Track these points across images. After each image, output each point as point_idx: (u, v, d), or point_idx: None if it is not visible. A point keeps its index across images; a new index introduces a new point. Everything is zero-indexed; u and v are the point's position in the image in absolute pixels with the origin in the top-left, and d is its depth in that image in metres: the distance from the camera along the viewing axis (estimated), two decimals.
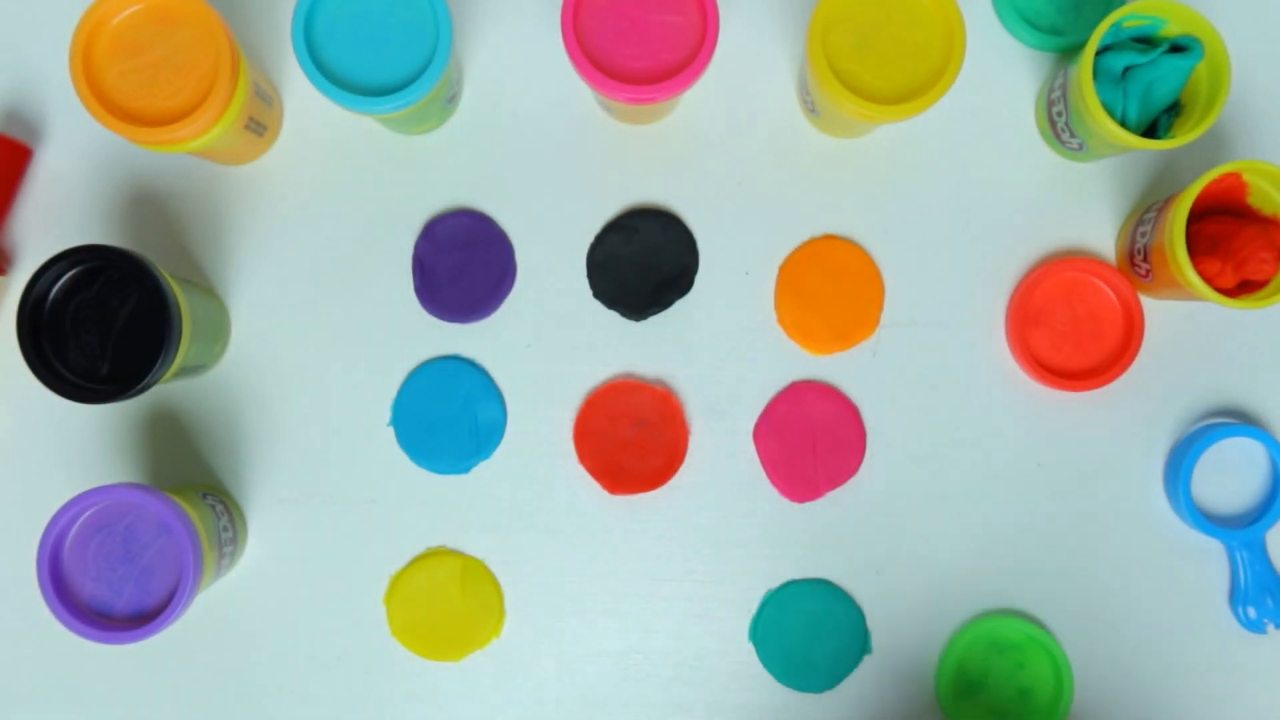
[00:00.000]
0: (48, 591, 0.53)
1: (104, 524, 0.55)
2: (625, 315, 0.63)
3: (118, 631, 0.53)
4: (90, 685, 0.61)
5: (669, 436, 0.62)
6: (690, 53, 0.54)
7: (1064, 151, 0.63)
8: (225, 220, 0.63)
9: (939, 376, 0.63)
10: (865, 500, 0.63)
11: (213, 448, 0.62)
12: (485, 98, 0.64)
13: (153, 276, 0.53)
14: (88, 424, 0.62)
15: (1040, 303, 0.63)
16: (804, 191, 0.64)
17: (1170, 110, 0.59)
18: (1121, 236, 0.64)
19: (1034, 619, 0.63)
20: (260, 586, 0.62)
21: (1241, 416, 0.64)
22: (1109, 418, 0.64)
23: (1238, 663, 0.63)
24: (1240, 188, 0.59)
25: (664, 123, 0.64)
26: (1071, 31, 0.64)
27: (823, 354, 0.63)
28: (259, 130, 0.60)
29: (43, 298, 0.53)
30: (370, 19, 0.54)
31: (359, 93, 0.54)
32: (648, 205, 0.63)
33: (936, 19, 0.55)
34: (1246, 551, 0.63)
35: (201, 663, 0.62)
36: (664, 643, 0.63)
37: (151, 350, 0.53)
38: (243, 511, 0.62)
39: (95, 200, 0.63)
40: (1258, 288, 0.57)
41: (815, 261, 0.63)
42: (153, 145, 0.55)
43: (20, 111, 0.63)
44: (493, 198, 0.63)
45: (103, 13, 0.53)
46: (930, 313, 0.64)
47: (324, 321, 0.63)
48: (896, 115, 0.55)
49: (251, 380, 0.62)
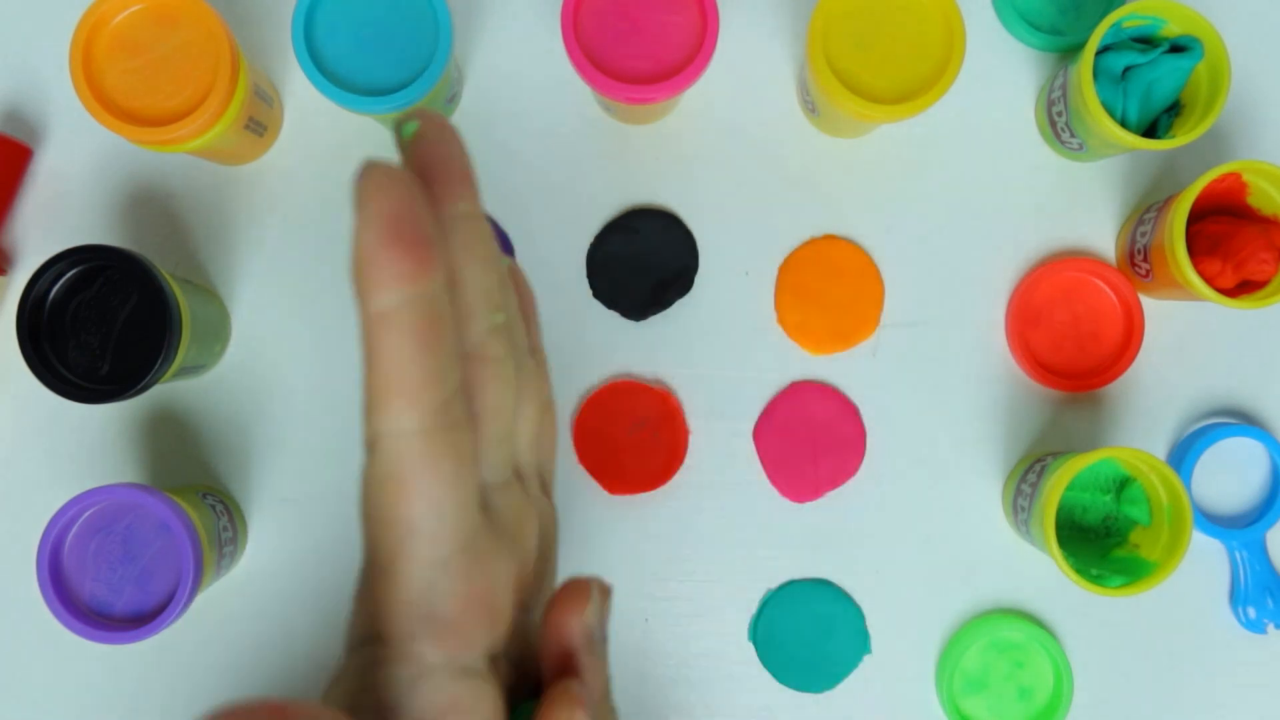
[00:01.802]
0: (48, 591, 0.53)
1: (104, 524, 0.55)
2: (625, 315, 0.63)
3: (118, 631, 0.53)
4: (90, 685, 0.61)
5: (669, 436, 0.62)
6: (690, 53, 0.54)
7: (1064, 151, 0.63)
8: (225, 220, 0.63)
9: (939, 376, 0.63)
10: (865, 500, 0.63)
11: (213, 448, 0.62)
12: (485, 98, 0.64)
13: (153, 276, 0.53)
14: (88, 424, 0.62)
15: (1040, 303, 0.63)
16: (804, 191, 0.64)
17: (1170, 110, 0.59)
18: (1121, 236, 0.64)
19: (1034, 619, 0.63)
20: (260, 586, 0.62)
21: (1241, 416, 0.64)
22: (1109, 418, 0.64)
23: (1238, 663, 0.63)
24: (1240, 188, 0.59)
25: (664, 123, 0.64)
26: (1071, 31, 0.64)
27: (823, 354, 0.63)
28: (259, 130, 0.60)
29: (43, 298, 0.53)
30: (370, 19, 0.54)
31: (359, 93, 0.54)
32: (648, 205, 0.63)
33: (936, 19, 0.55)
34: (1246, 551, 0.63)
35: (201, 663, 0.62)
36: (664, 643, 0.63)
37: (151, 350, 0.53)
38: (243, 511, 0.62)
39: (95, 200, 0.63)
40: (1258, 288, 0.57)
41: (815, 261, 0.63)
42: (153, 145, 0.55)
43: (20, 111, 0.63)
44: (493, 198, 0.63)
45: (103, 13, 0.53)
46: (930, 313, 0.64)
47: (324, 322, 0.63)
48: (896, 115, 0.55)
49: (251, 380, 0.62)
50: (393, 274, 0.25)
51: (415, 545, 0.26)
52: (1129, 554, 0.59)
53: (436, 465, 0.26)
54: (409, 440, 0.25)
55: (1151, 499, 0.58)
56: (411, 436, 0.25)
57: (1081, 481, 0.60)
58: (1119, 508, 0.59)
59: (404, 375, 0.25)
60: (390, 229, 0.24)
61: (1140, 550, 0.59)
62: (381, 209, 0.25)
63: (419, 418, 0.25)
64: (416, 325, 0.25)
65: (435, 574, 0.26)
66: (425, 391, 0.25)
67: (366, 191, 0.25)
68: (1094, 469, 0.59)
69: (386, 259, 0.24)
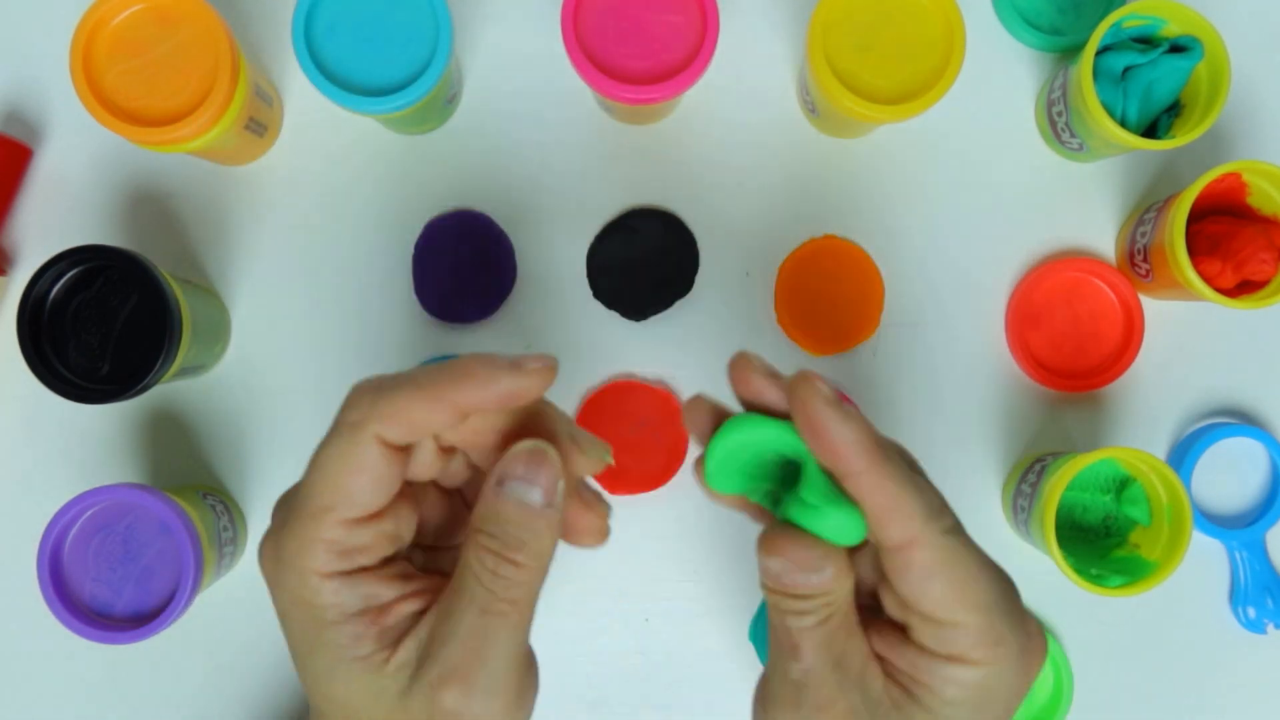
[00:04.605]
0: (48, 591, 0.53)
1: (104, 524, 0.55)
2: (625, 315, 0.63)
3: (118, 631, 0.53)
4: (90, 685, 0.61)
5: (669, 436, 0.62)
6: (690, 53, 0.54)
7: (1064, 151, 0.63)
8: (225, 220, 0.63)
9: (939, 376, 0.63)
10: None
11: (213, 448, 0.62)
12: (485, 98, 0.64)
13: (153, 276, 0.53)
14: (88, 424, 0.62)
15: (1040, 303, 0.63)
16: (804, 191, 0.64)
17: (1170, 110, 0.59)
18: (1121, 236, 0.64)
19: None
20: (260, 587, 0.62)
21: (1241, 416, 0.64)
22: (1109, 418, 0.64)
23: (1238, 663, 0.63)
24: (1240, 188, 0.59)
25: (664, 123, 0.64)
26: (1071, 31, 0.64)
27: (823, 354, 0.63)
28: (259, 130, 0.60)
29: (43, 298, 0.53)
30: (370, 19, 0.54)
31: (359, 93, 0.54)
32: (648, 205, 0.63)
33: (936, 19, 0.55)
34: (1246, 551, 0.63)
35: (201, 663, 0.62)
36: (664, 643, 0.63)
37: (151, 350, 0.53)
38: (243, 511, 0.62)
39: (95, 200, 0.63)
40: (1258, 288, 0.57)
41: (815, 261, 0.63)
42: (153, 145, 0.55)
43: (20, 111, 0.63)
44: (493, 198, 0.63)
45: (103, 13, 0.53)
46: (930, 313, 0.64)
47: (324, 321, 0.63)
48: (896, 115, 0.55)
49: (251, 380, 0.62)
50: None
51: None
52: (1129, 554, 0.59)
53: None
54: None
55: (1151, 499, 0.58)
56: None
57: (1081, 481, 0.60)
58: (1119, 508, 0.59)
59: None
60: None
61: (1140, 550, 0.59)
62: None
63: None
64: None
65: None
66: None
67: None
68: (1094, 469, 0.59)
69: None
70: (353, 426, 0.34)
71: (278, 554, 0.35)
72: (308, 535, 0.34)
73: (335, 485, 0.34)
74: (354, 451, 0.34)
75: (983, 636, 0.34)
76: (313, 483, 0.35)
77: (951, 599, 0.34)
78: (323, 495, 0.34)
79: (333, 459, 0.34)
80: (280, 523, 0.36)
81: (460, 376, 0.34)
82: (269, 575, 0.36)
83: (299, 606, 0.35)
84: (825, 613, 0.35)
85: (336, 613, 0.35)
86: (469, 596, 0.34)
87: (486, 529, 0.35)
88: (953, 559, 0.34)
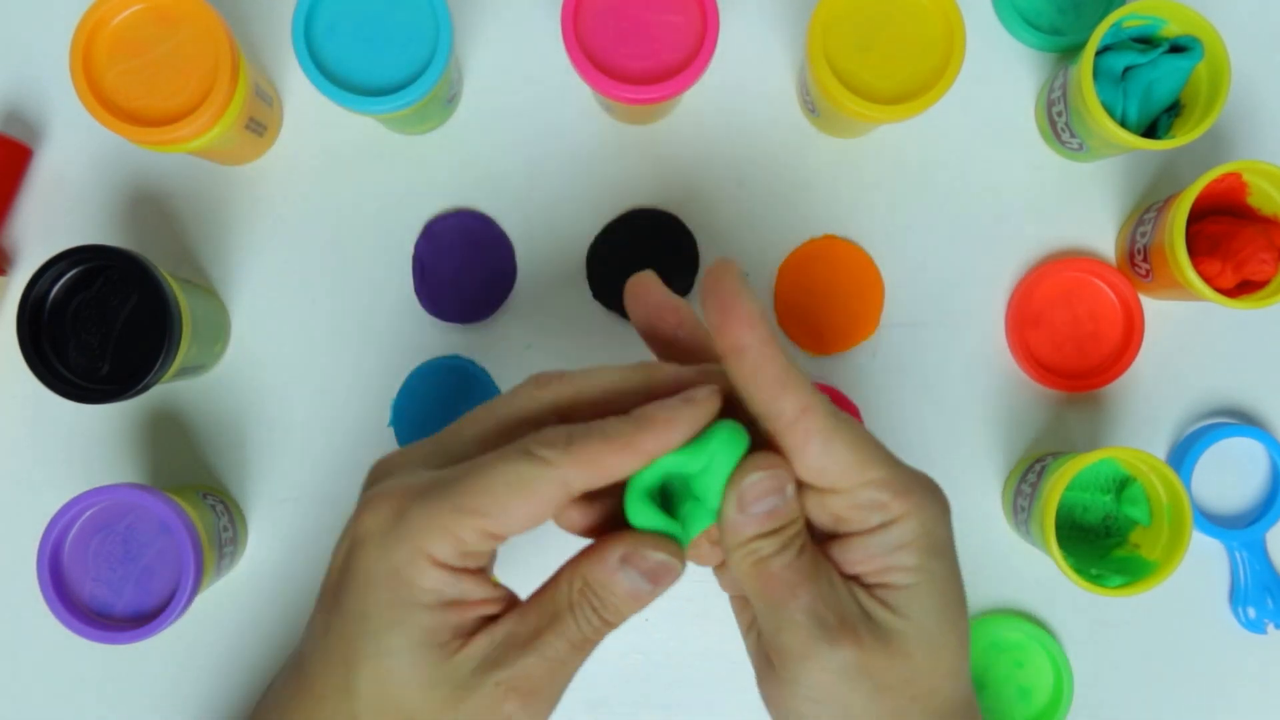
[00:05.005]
0: (48, 591, 0.53)
1: (104, 524, 0.55)
2: (625, 315, 0.63)
3: (118, 631, 0.53)
4: (90, 685, 0.61)
5: None
6: (690, 53, 0.54)
7: (1064, 151, 0.63)
8: (225, 220, 0.63)
9: (939, 377, 0.63)
10: None
11: (213, 448, 0.62)
12: (485, 98, 0.64)
13: (153, 276, 0.53)
14: (88, 424, 0.62)
15: (1040, 303, 0.63)
16: (804, 191, 0.64)
17: (1170, 110, 0.59)
18: (1121, 236, 0.64)
19: (1034, 619, 0.63)
20: (260, 586, 0.62)
21: (1241, 416, 0.64)
22: (1109, 418, 0.64)
23: (1238, 663, 0.63)
24: (1240, 188, 0.59)
25: (664, 123, 0.64)
26: (1071, 31, 0.64)
27: (823, 354, 0.63)
28: (259, 130, 0.60)
29: (43, 298, 0.53)
30: (370, 19, 0.54)
31: (359, 93, 0.54)
32: (648, 205, 0.63)
33: (936, 19, 0.55)
34: (1246, 551, 0.63)
35: (201, 663, 0.62)
36: (664, 643, 0.63)
37: (151, 350, 0.53)
38: (243, 511, 0.62)
39: (95, 200, 0.63)
40: (1258, 288, 0.57)
41: (815, 261, 0.63)
42: (153, 145, 0.55)
43: (20, 111, 0.63)
44: (493, 198, 0.63)
45: (103, 13, 0.53)
46: (930, 313, 0.64)
47: (324, 322, 0.63)
48: (896, 115, 0.55)
49: (251, 380, 0.62)
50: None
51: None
52: (1129, 554, 0.59)
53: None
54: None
55: (1151, 499, 0.58)
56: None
57: (1081, 481, 0.60)
58: (1119, 508, 0.59)
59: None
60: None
61: (1140, 550, 0.59)
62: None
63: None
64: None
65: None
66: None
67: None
68: (1094, 469, 0.59)
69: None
70: (543, 462, 0.35)
71: (397, 525, 0.35)
72: (442, 524, 0.35)
73: (499, 501, 0.35)
74: (536, 485, 0.35)
75: (894, 488, 0.36)
76: (473, 483, 0.35)
77: (855, 461, 0.35)
78: (479, 499, 0.35)
79: (508, 478, 0.35)
80: (405, 491, 0.36)
81: (646, 425, 0.35)
82: (372, 537, 0.36)
83: (394, 580, 0.35)
84: (798, 542, 0.36)
85: (433, 598, 0.35)
86: (563, 628, 0.37)
87: (595, 589, 0.37)
88: (840, 424, 0.35)
